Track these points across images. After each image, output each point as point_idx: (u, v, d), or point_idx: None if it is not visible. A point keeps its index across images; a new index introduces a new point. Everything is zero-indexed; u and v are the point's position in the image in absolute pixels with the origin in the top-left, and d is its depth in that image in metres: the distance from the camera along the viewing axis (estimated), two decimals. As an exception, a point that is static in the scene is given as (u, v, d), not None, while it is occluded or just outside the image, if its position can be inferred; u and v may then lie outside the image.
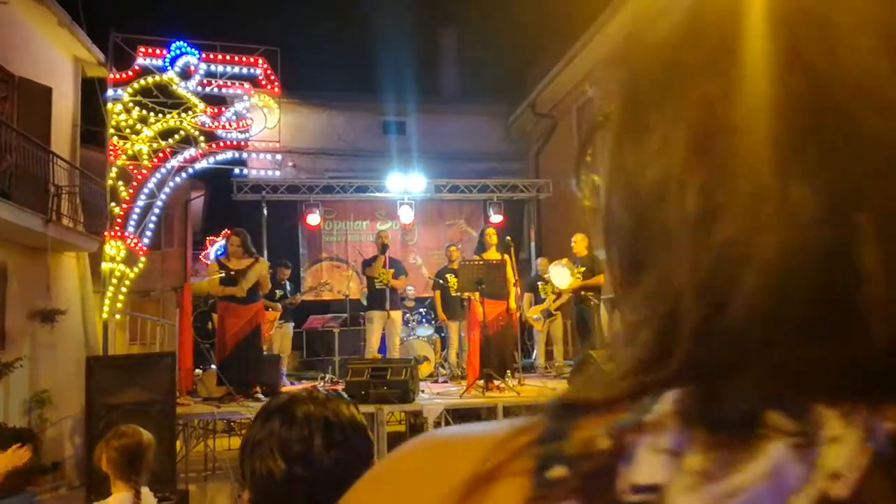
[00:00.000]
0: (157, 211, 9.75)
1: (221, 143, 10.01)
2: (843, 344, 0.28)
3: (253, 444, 1.22)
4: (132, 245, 9.45)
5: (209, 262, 9.81)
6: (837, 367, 0.28)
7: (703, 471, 0.27)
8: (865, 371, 0.28)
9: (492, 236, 8.03)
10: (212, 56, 10.07)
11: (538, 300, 9.22)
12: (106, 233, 9.46)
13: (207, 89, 9.97)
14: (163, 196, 9.77)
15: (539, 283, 9.21)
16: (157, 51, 9.81)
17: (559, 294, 8.85)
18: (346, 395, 1.38)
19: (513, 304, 8.08)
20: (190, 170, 10.03)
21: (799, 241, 0.29)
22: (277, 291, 9.27)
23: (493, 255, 7.87)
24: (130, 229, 9.47)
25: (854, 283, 0.28)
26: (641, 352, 0.33)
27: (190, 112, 9.74)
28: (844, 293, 0.28)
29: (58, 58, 11.56)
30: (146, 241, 9.64)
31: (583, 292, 8.40)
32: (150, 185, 9.64)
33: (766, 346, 0.29)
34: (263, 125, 10.62)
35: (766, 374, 0.29)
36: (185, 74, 9.79)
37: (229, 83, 10.17)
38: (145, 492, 3.11)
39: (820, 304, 0.29)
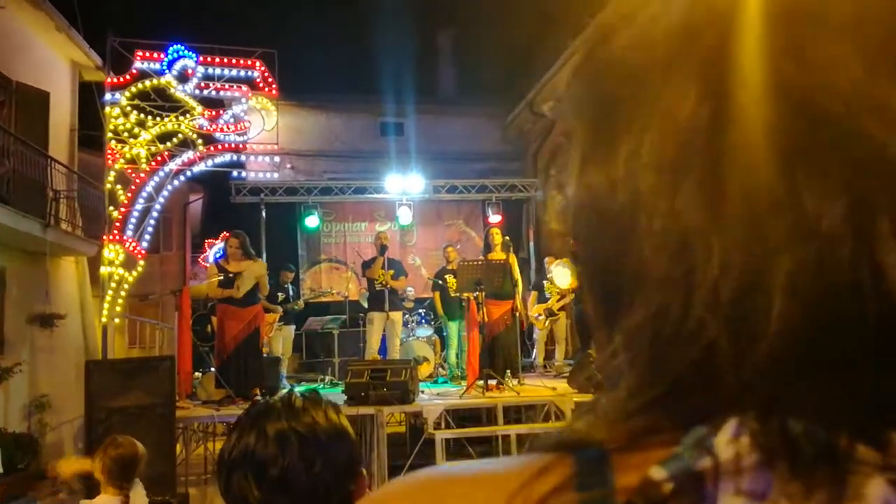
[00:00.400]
0: (155, 214, 9.75)
1: (219, 146, 10.01)
2: (890, 377, 0.26)
3: (230, 465, 1.18)
4: (131, 249, 9.44)
5: (208, 265, 9.81)
6: (886, 400, 0.26)
7: None
8: None
9: (495, 236, 8.04)
10: (209, 59, 10.07)
11: (542, 299, 9.21)
12: (104, 237, 9.46)
13: (205, 92, 9.97)
14: (161, 199, 9.76)
15: (545, 282, 9.22)
16: (155, 54, 9.81)
17: (563, 294, 8.86)
18: (325, 398, 1.30)
19: (519, 304, 8.10)
20: (188, 173, 10.03)
21: (821, 259, 0.26)
22: (279, 294, 9.27)
23: (497, 255, 7.88)
24: (129, 233, 9.46)
25: (892, 311, 0.26)
26: (640, 387, 0.30)
27: (188, 115, 9.74)
28: (882, 312, 0.26)
29: (55, 62, 11.55)
30: (145, 244, 9.64)
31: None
32: (149, 188, 9.64)
33: (810, 374, 0.27)
34: (261, 127, 10.62)
35: (822, 402, 0.26)
36: (183, 77, 9.80)
37: (227, 86, 10.18)
38: (136, 493, 3.31)
39: (859, 326, 0.26)
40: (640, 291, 0.30)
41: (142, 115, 9.61)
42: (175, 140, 9.73)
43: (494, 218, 12.21)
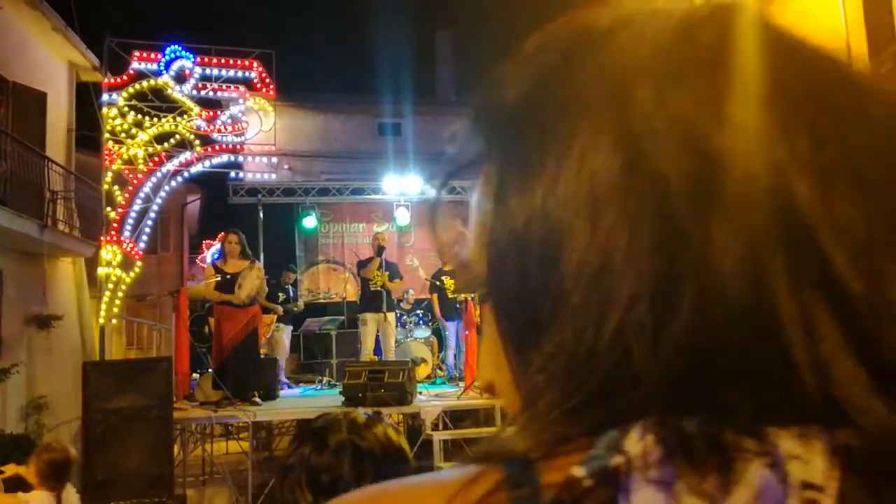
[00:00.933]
0: (153, 215, 9.75)
1: (217, 147, 10.01)
2: (769, 385, 0.30)
3: (285, 469, 1.23)
4: (128, 249, 9.44)
5: (205, 266, 9.80)
6: (774, 405, 0.30)
7: (702, 496, 0.28)
8: (802, 407, 0.30)
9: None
10: (206, 60, 10.07)
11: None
12: (102, 237, 9.45)
13: (202, 93, 9.97)
14: (158, 200, 9.76)
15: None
16: (152, 55, 9.81)
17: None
18: (386, 419, 1.35)
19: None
20: (186, 174, 10.02)
21: (723, 289, 0.30)
22: (280, 295, 9.26)
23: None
24: (126, 234, 9.46)
25: (778, 333, 0.30)
26: (553, 404, 0.33)
27: (185, 116, 9.73)
28: (770, 342, 0.30)
29: (52, 63, 11.53)
30: (142, 245, 9.63)
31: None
32: (146, 189, 9.64)
33: (703, 385, 0.30)
34: (259, 128, 10.62)
35: (713, 406, 0.30)
36: (180, 78, 9.79)
37: (224, 86, 10.18)
38: (69, 493, 3.66)
39: (747, 344, 0.30)
40: (557, 316, 0.33)
41: (139, 116, 9.61)
42: (172, 141, 9.73)
43: (492, 219, 12.22)
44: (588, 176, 0.32)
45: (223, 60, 10.18)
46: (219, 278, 7.05)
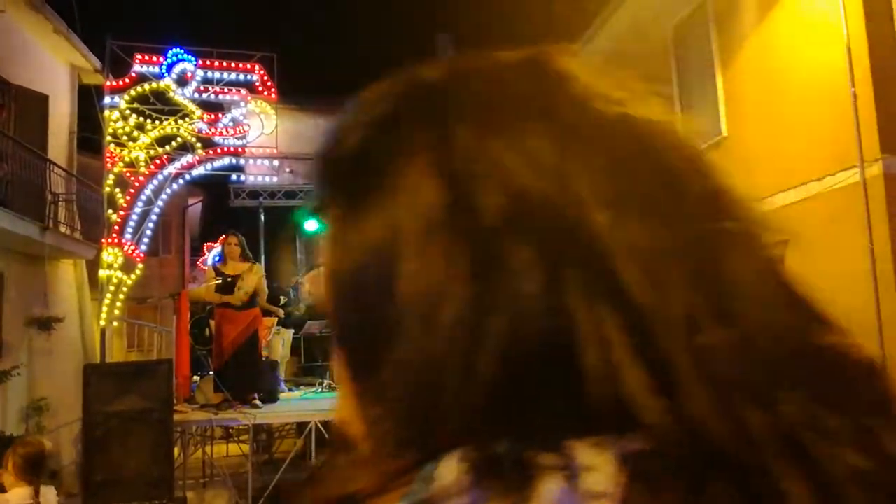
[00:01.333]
0: (154, 218, 9.75)
1: (219, 150, 10.01)
2: (573, 400, 0.32)
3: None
4: (129, 252, 9.44)
5: (206, 269, 9.81)
6: (571, 417, 0.32)
7: None
8: (600, 417, 0.32)
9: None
10: (208, 62, 10.09)
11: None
12: (103, 240, 9.46)
13: (204, 96, 9.98)
14: (160, 203, 9.76)
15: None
16: (154, 58, 9.82)
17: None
18: None
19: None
20: (187, 176, 10.03)
21: (527, 313, 0.32)
22: (282, 297, 9.26)
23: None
24: (128, 236, 9.46)
25: (576, 349, 0.32)
26: (389, 435, 0.34)
27: (187, 119, 9.74)
28: (570, 358, 0.32)
29: (54, 65, 11.56)
30: (143, 247, 9.64)
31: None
32: (148, 191, 9.64)
33: (514, 407, 0.33)
34: (260, 131, 10.63)
35: (521, 427, 0.32)
36: (182, 81, 9.80)
37: (226, 89, 10.18)
38: (47, 490, 3.69)
39: (551, 365, 0.32)
40: (391, 348, 0.35)
41: (141, 119, 9.62)
42: (174, 143, 9.74)
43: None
44: (415, 213, 0.35)
45: (225, 63, 10.20)
46: (219, 281, 7.05)
